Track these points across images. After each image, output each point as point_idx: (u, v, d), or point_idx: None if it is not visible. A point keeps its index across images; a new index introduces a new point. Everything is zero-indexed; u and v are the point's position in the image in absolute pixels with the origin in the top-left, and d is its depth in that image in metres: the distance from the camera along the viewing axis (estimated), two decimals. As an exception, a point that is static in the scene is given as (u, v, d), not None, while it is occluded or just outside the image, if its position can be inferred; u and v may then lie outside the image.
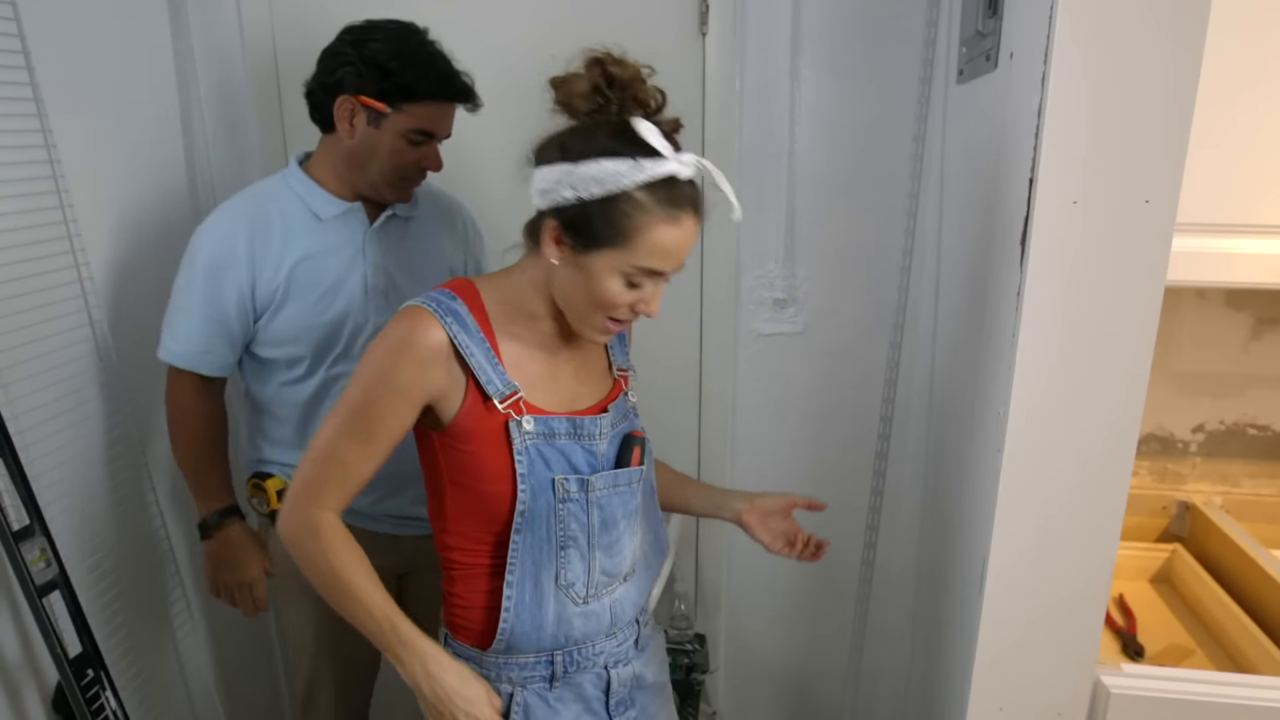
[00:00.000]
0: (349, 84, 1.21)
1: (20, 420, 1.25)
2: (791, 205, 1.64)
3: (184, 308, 1.27)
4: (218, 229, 1.27)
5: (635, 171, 0.84)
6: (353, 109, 1.22)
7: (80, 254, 1.37)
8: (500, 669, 0.99)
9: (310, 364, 1.30)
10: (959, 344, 1.32)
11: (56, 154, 1.32)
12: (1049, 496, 1.00)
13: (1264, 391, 1.61)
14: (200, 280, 1.25)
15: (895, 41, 1.53)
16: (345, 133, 1.24)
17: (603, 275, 0.89)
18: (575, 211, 0.87)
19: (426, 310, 0.91)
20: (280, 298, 1.26)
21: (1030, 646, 1.06)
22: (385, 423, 0.92)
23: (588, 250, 0.88)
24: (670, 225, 0.87)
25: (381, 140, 1.24)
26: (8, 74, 1.24)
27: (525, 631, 0.97)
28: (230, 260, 1.24)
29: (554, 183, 0.87)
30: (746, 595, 1.88)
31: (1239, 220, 1.23)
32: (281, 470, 1.37)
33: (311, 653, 1.42)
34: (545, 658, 0.99)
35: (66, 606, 1.25)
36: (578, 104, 0.87)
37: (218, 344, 1.28)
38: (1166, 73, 0.87)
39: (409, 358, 0.90)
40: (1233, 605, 1.36)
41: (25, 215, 1.27)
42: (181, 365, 1.29)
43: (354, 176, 1.28)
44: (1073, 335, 0.95)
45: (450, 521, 0.98)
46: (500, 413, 0.93)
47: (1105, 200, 0.90)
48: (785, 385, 1.74)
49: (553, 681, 1.01)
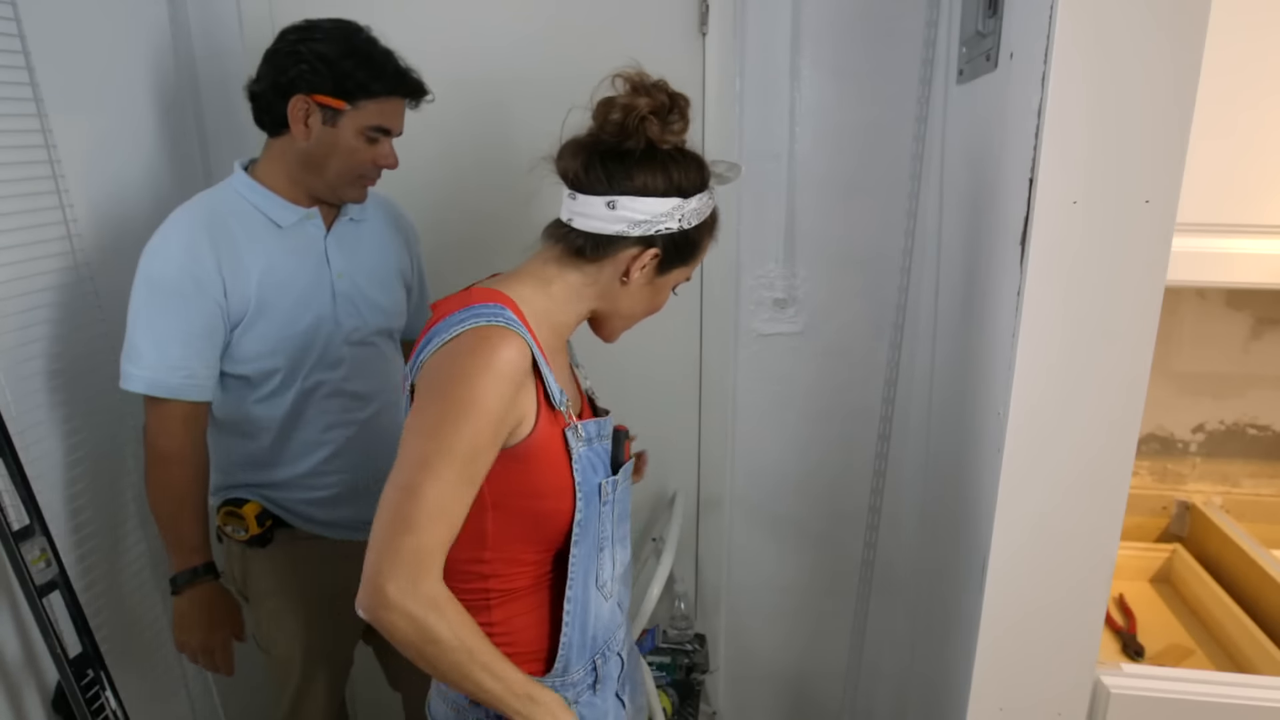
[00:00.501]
0: (303, 83, 1.19)
1: (20, 420, 1.25)
2: (791, 205, 1.64)
3: (150, 329, 1.19)
4: (178, 241, 1.19)
5: (712, 200, 0.96)
6: (307, 108, 1.20)
7: (80, 254, 1.37)
8: (559, 689, 0.94)
9: (285, 376, 1.27)
10: (959, 344, 1.32)
11: (56, 154, 1.32)
12: (1049, 496, 1.00)
13: (1264, 391, 1.61)
14: (168, 295, 1.18)
15: (895, 41, 1.53)
16: (300, 134, 1.21)
17: (668, 289, 0.99)
18: (675, 240, 0.93)
19: (508, 329, 0.85)
20: (253, 311, 1.22)
21: (1030, 646, 1.06)
22: (485, 458, 0.84)
23: (668, 270, 0.96)
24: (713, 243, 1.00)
25: (339, 139, 1.22)
26: (8, 74, 1.24)
27: (578, 642, 0.96)
28: (201, 269, 1.18)
29: (662, 215, 0.91)
30: (746, 595, 1.88)
31: (1239, 220, 1.23)
32: (254, 492, 1.33)
33: (299, 667, 1.40)
34: (590, 665, 0.98)
35: (66, 606, 1.25)
36: (667, 141, 0.91)
37: (196, 363, 1.20)
38: (1166, 73, 0.87)
39: (503, 383, 0.83)
40: (1233, 605, 1.36)
41: (25, 215, 1.27)
42: (157, 393, 1.20)
43: (310, 178, 1.25)
44: (1073, 335, 0.95)
45: (493, 549, 0.92)
46: (561, 420, 0.91)
47: (1105, 200, 0.90)
48: (785, 385, 1.74)
49: (595, 685, 1.00)
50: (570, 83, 0.96)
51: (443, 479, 0.80)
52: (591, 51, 1.62)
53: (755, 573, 1.86)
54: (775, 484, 1.80)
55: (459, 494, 0.82)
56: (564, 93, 0.93)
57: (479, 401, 0.81)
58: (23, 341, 1.27)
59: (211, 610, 1.29)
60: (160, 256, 1.20)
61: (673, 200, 0.91)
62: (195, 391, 1.22)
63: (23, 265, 1.27)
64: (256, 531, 1.31)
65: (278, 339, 1.25)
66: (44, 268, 1.31)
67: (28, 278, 1.28)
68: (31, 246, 1.28)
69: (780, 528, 1.83)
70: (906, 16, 1.51)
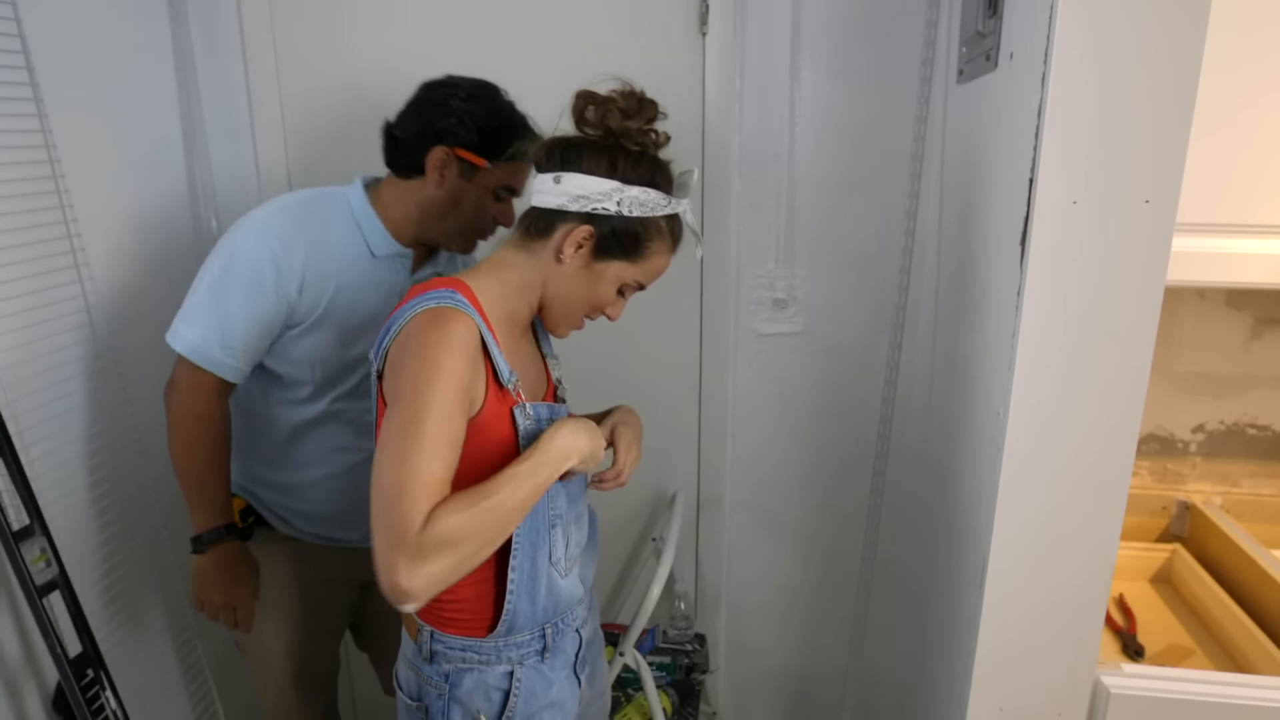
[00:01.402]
0: (450, 136, 1.21)
1: (20, 420, 1.25)
2: (791, 205, 1.64)
3: (215, 302, 1.19)
4: (277, 230, 1.20)
5: (667, 206, 0.98)
6: (445, 160, 1.22)
7: (80, 254, 1.37)
8: (500, 651, 1.02)
9: (315, 390, 1.28)
10: (959, 344, 1.32)
11: (56, 154, 1.32)
12: (1049, 496, 1.00)
13: (1264, 391, 1.61)
14: (244, 278, 1.18)
15: (895, 41, 1.53)
16: (434, 181, 1.23)
17: (608, 283, 1.00)
18: (613, 224, 0.96)
19: (456, 308, 0.91)
20: (315, 320, 1.23)
21: (1030, 646, 1.06)
22: (457, 424, 0.88)
23: (605, 258, 0.98)
24: (669, 253, 1.03)
25: (469, 193, 1.24)
26: (8, 74, 1.24)
27: (525, 610, 1.01)
28: (285, 267, 1.19)
29: (599, 194, 0.95)
30: (746, 595, 1.88)
31: (1239, 220, 1.23)
32: (245, 488, 1.36)
33: (280, 664, 1.41)
34: (539, 632, 1.04)
35: (66, 606, 1.25)
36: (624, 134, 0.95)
37: (243, 348, 1.21)
38: (1166, 72, 0.87)
39: (460, 354, 0.88)
40: (1233, 605, 1.36)
41: (25, 215, 1.27)
42: (198, 362, 1.20)
43: (429, 224, 1.27)
44: (1073, 335, 0.95)
45: None
46: (510, 399, 0.96)
47: (1105, 200, 0.90)
48: (785, 385, 1.74)
49: (544, 653, 1.05)
50: (570, 83, 0.97)
51: (418, 446, 0.85)
52: (592, 52, 1.62)
53: (755, 572, 1.86)
54: (775, 484, 1.80)
55: (442, 454, 0.86)
56: (564, 93, 0.93)
57: (443, 367, 0.87)
58: (23, 341, 1.27)
59: (234, 569, 1.30)
60: (254, 235, 1.20)
61: (613, 182, 0.95)
62: (232, 373, 1.23)
63: (23, 265, 1.27)
64: (239, 526, 1.33)
65: (325, 356, 1.26)
66: (44, 268, 1.31)
67: (28, 278, 1.28)
68: (31, 246, 1.28)
69: (780, 527, 1.83)
70: (906, 16, 1.51)
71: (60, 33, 1.34)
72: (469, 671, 1.02)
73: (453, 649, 1.02)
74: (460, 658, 1.02)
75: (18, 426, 1.23)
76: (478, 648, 1.01)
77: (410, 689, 1.06)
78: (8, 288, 1.24)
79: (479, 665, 1.02)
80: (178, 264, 1.63)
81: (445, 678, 1.02)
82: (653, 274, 1.02)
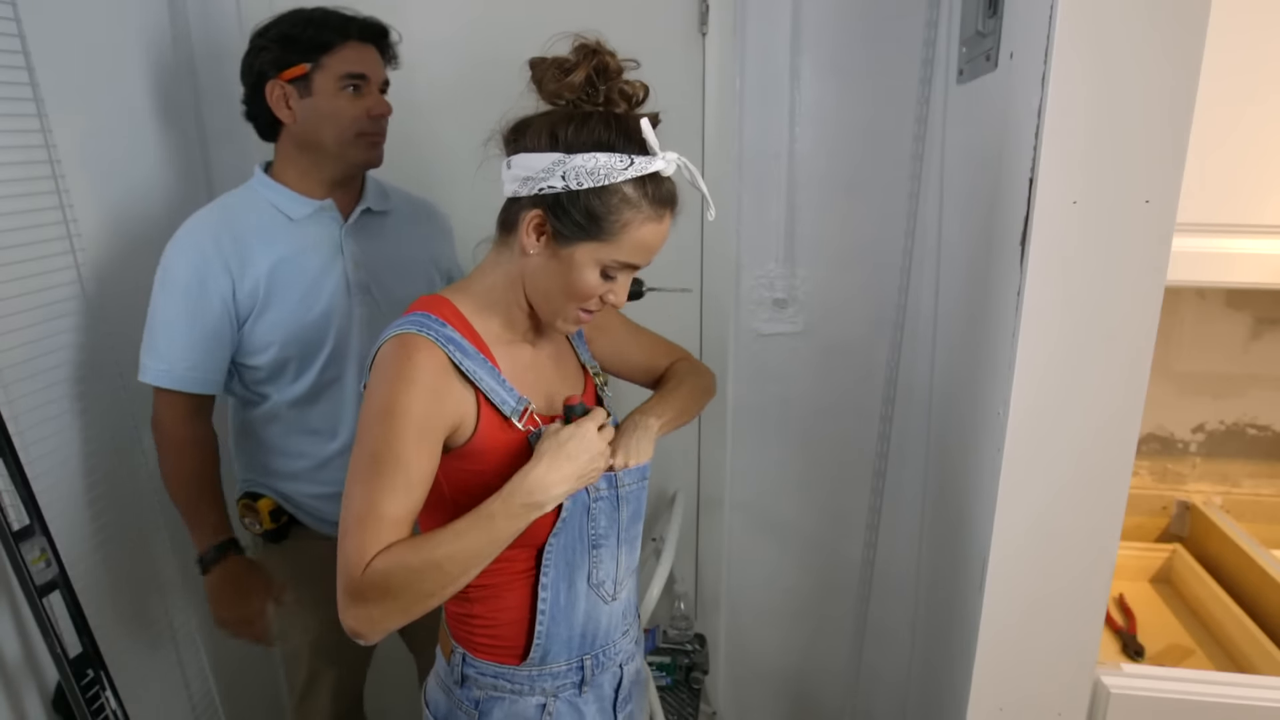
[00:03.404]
0: (269, 69, 1.22)
1: (20, 420, 1.25)
2: (791, 205, 1.64)
3: (165, 325, 1.23)
4: (189, 241, 1.24)
5: (628, 167, 0.84)
6: (282, 90, 1.23)
7: (80, 254, 1.37)
8: (534, 681, 0.96)
9: (299, 366, 1.28)
10: (959, 344, 1.32)
11: (56, 154, 1.32)
12: (1049, 496, 1.00)
13: (1264, 391, 1.61)
14: (179, 295, 1.22)
15: (895, 41, 1.53)
16: (286, 117, 1.24)
17: (582, 267, 0.88)
18: (563, 202, 0.85)
19: (420, 335, 0.86)
20: (262, 301, 1.24)
21: (1030, 646, 1.06)
22: (415, 463, 0.84)
23: (570, 242, 0.87)
24: (653, 222, 0.88)
25: (319, 104, 1.23)
26: (8, 74, 1.24)
27: (560, 635, 0.96)
28: (209, 271, 1.22)
29: (542, 171, 0.85)
30: (746, 595, 1.88)
31: (1239, 220, 1.22)
32: (268, 486, 1.36)
33: (306, 660, 1.42)
34: (576, 663, 0.98)
35: (66, 606, 1.25)
36: (565, 92, 0.86)
37: (204, 359, 1.24)
38: (1166, 73, 0.87)
39: (419, 387, 0.84)
40: (1233, 605, 1.36)
41: (25, 215, 1.27)
42: (168, 385, 1.24)
43: (315, 159, 1.27)
44: (1073, 335, 0.95)
45: None
46: (520, 430, 0.91)
47: (1105, 200, 0.90)
48: (785, 385, 1.74)
49: (582, 686, 0.99)
50: (570, 83, 0.96)
51: (363, 485, 0.83)
52: (591, 51, 1.62)
53: (755, 572, 1.86)
54: (775, 484, 1.80)
55: (388, 496, 0.83)
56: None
57: (394, 408, 0.83)
58: (22, 341, 1.27)
59: (240, 582, 1.32)
60: (173, 256, 1.24)
61: (554, 155, 0.84)
62: (200, 385, 1.26)
63: (23, 265, 1.27)
64: (270, 526, 1.35)
65: (287, 329, 1.26)
66: (44, 268, 1.31)
67: (27, 278, 1.28)
68: (31, 247, 1.28)
69: (780, 527, 1.83)
70: (906, 16, 1.51)
71: (60, 33, 1.34)
72: (499, 700, 0.96)
73: (484, 675, 0.96)
74: (491, 685, 0.96)
75: (18, 426, 1.23)
76: (510, 675, 0.96)
77: (439, 710, 1.01)
78: (7, 287, 1.24)
79: (510, 694, 0.96)
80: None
81: (475, 704, 0.97)
82: (638, 249, 0.88)
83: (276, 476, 1.36)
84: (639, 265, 0.90)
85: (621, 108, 0.88)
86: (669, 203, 0.89)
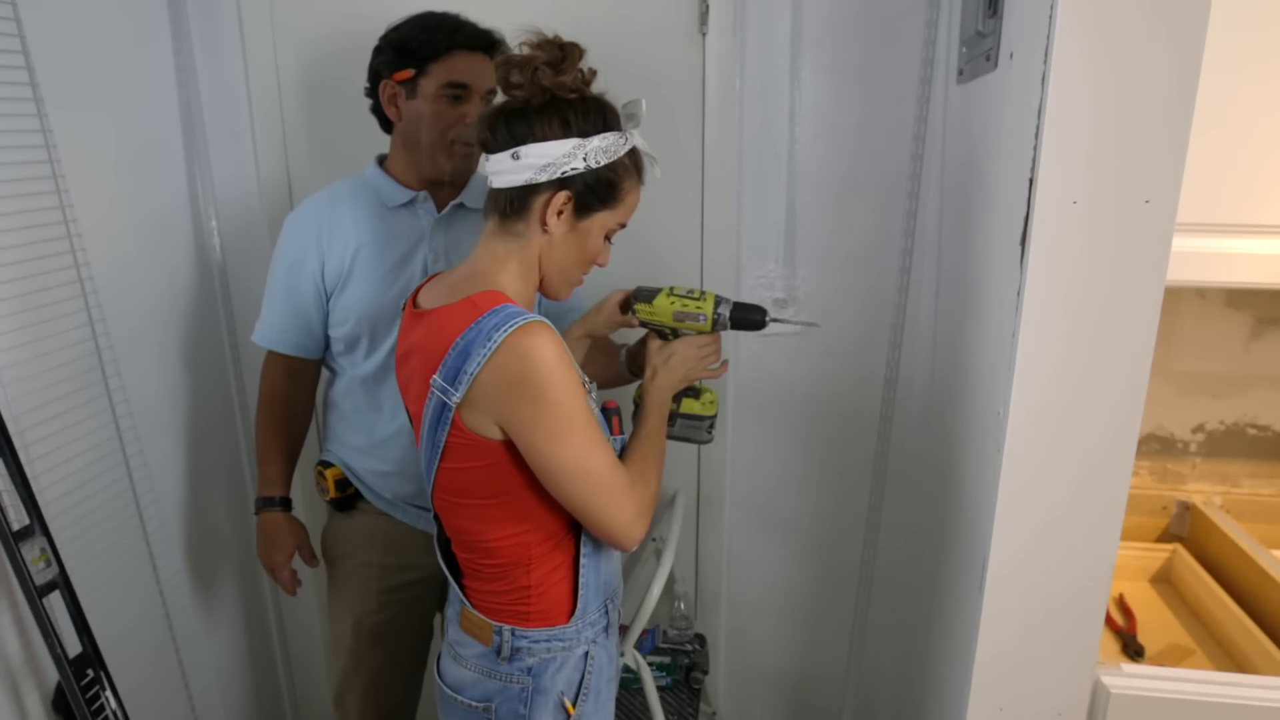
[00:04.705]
0: (384, 70, 1.29)
1: (20, 420, 1.25)
2: (791, 205, 1.64)
3: (269, 293, 1.37)
4: (299, 220, 1.36)
5: (625, 142, 0.99)
6: (392, 90, 1.30)
7: (80, 254, 1.37)
8: (580, 633, 1.06)
9: (370, 342, 1.34)
10: (959, 344, 1.32)
11: (56, 154, 1.32)
12: (1049, 496, 1.00)
13: (1264, 391, 1.61)
14: (283, 267, 1.35)
15: (895, 41, 1.53)
16: (394, 116, 1.31)
17: (596, 235, 1.02)
18: (586, 180, 0.96)
19: (537, 321, 0.92)
20: (345, 278, 1.33)
21: (1030, 646, 1.06)
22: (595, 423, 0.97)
23: (588, 214, 0.99)
24: (640, 186, 1.04)
25: (422, 108, 1.28)
26: (8, 74, 1.24)
27: (594, 585, 1.06)
28: (305, 249, 1.33)
29: (563, 156, 0.94)
30: (746, 595, 1.88)
31: (1239, 220, 1.23)
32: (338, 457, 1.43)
33: (348, 648, 1.44)
34: (603, 609, 1.09)
35: (66, 606, 1.25)
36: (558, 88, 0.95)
37: (293, 324, 1.36)
38: (1167, 72, 0.87)
39: (569, 361, 0.94)
40: (1233, 605, 1.36)
41: (25, 215, 1.27)
42: (263, 344, 1.39)
43: (414, 158, 1.33)
44: (1073, 335, 0.95)
45: (537, 524, 1.01)
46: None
47: (1105, 200, 0.90)
48: (785, 385, 1.74)
49: (608, 629, 1.10)
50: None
51: (593, 453, 0.95)
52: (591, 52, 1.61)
53: (755, 573, 1.86)
54: (775, 484, 1.80)
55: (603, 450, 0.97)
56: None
57: (568, 386, 0.93)
58: (22, 341, 1.27)
59: (273, 536, 1.43)
60: (285, 233, 1.37)
61: (572, 140, 0.95)
62: (290, 346, 1.38)
63: (22, 265, 1.27)
64: (335, 495, 1.41)
65: (364, 306, 1.33)
66: (43, 267, 1.31)
67: (27, 278, 1.28)
68: (31, 247, 1.28)
69: (780, 528, 1.83)
70: (906, 16, 1.51)
71: (60, 33, 1.34)
72: (551, 661, 1.05)
73: (537, 642, 1.05)
74: (545, 649, 1.05)
75: (17, 426, 1.23)
76: (561, 635, 1.05)
77: (474, 692, 1.07)
78: (7, 288, 1.24)
79: (561, 651, 1.05)
80: (178, 263, 1.63)
81: (528, 671, 1.05)
82: (630, 211, 1.04)
83: (346, 448, 1.43)
84: (625, 226, 1.05)
85: (589, 93, 0.98)
86: (644, 169, 1.04)
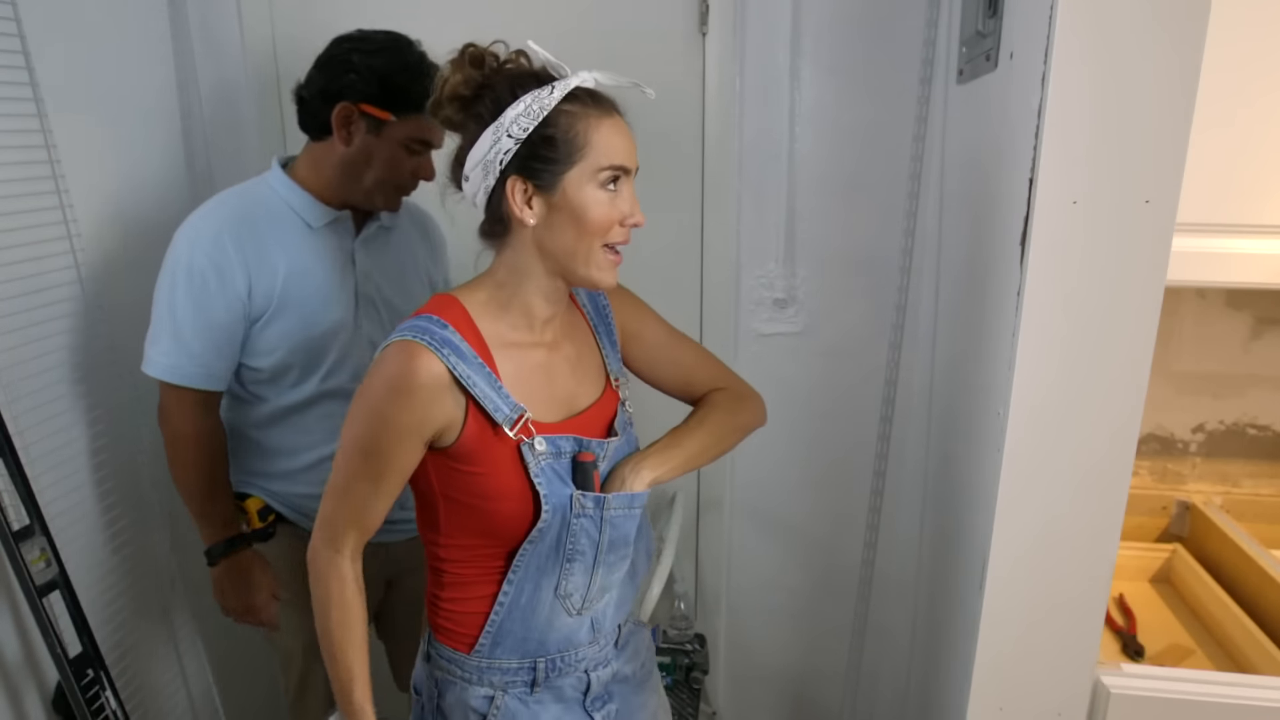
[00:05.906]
0: (351, 92, 1.21)
1: (20, 420, 1.25)
2: (791, 205, 1.64)
3: (174, 317, 1.21)
4: (208, 233, 1.21)
5: (552, 92, 0.87)
6: (351, 116, 1.21)
7: (80, 254, 1.37)
8: (483, 673, 0.98)
9: (300, 374, 1.28)
10: (959, 344, 1.32)
11: (56, 154, 1.32)
12: (1049, 496, 1.00)
13: (1264, 391, 1.61)
14: (187, 288, 1.20)
15: (895, 41, 1.53)
16: (342, 139, 1.22)
17: (580, 196, 0.89)
18: (524, 152, 0.88)
19: (420, 344, 0.87)
20: (275, 308, 1.23)
21: (1030, 646, 1.06)
22: (394, 462, 0.90)
23: (555, 183, 0.89)
24: (606, 118, 0.90)
25: (380, 148, 1.23)
26: (8, 74, 1.24)
27: (513, 631, 0.97)
28: (227, 266, 1.19)
29: (489, 146, 0.88)
30: (746, 595, 1.88)
31: (1239, 220, 1.22)
32: (257, 485, 1.36)
33: (301, 659, 1.41)
34: (528, 664, 0.99)
35: (66, 606, 1.25)
36: (460, 89, 0.91)
37: (214, 356, 1.23)
38: (1167, 72, 0.87)
39: (411, 397, 0.87)
40: (1233, 605, 1.36)
41: (25, 215, 1.27)
42: (176, 381, 1.23)
43: (347, 184, 1.26)
44: (1073, 335, 0.95)
45: (445, 535, 0.96)
46: (511, 439, 0.91)
47: (1105, 200, 0.90)
48: (785, 385, 1.74)
49: (534, 686, 1.00)
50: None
51: (344, 465, 0.93)
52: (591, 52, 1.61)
53: (755, 573, 1.86)
54: (775, 484, 1.80)
55: (362, 481, 0.92)
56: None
57: (378, 409, 0.89)
58: (22, 341, 1.27)
59: (247, 575, 1.34)
60: (188, 246, 1.21)
61: (488, 129, 0.88)
62: (209, 381, 1.24)
63: (22, 265, 1.27)
64: (258, 525, 1.34)
65: (297, 338, 1.26)
66: (44, 268, 1.31)
67: (27, 278, 1.28)
68: (31, 246, 1.28)
69: (780, 528, 1.83)
70: (906, 16, 1.51)
71: (60, 32, 1.34)
72: (452, 685, 0.99)
73: (440, 656, 1.00)
74: (445, 668, 1.00)
75: (18, 426, 1.23)
76: (461, 663, 0.99)
77: (418, 679, 1.06)
78: (7, 287, 1.24)
79: (461, 681, 0.99)
80: (178, 264, 1.62)
81: (436, 683, 1.01)
82: (611, 149, 0.89)
83: (267, 476, 1.36)
84: (627, 167, 0.91)
85: (476, 71, 0.92)
86: (606, 103, 0.91)
